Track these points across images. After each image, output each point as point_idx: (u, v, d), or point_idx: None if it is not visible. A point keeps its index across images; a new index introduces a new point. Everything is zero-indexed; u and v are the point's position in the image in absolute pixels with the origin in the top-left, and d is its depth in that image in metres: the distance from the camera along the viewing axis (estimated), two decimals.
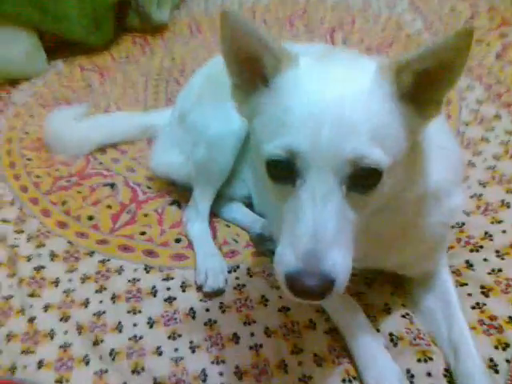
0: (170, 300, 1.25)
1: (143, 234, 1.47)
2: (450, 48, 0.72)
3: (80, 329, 1.20)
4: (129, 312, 1.23)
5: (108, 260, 1.39)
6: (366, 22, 2.35)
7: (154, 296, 1.27)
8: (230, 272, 1.31)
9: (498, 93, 1.73)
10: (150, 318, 1.21)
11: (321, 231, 0.71)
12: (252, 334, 1.14)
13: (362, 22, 2.35)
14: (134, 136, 1.87)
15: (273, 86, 0.79)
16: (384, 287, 1.21)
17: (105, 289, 1.30)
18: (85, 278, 1.34)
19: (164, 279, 1.31)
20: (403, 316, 1.13)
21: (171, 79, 2.29)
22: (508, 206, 1.34)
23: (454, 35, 0.71)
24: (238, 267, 1.32)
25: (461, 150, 1.14)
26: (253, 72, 0.82)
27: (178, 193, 1.59)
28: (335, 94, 0.74)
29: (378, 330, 1.10)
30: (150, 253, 1.40)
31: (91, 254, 1.41)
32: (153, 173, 1.63)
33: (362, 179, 0.74)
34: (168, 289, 1.28)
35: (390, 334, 1.09)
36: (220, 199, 1.48)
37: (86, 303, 1.27)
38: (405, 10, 2.34)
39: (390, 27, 2.22)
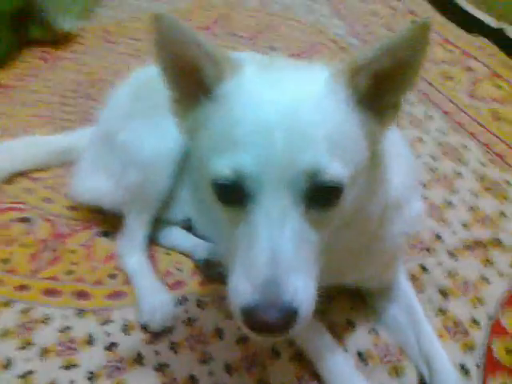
0: (111, 347, 1.10)
1: (70, 273, 1.28)
2: (408, 44, 0.68)
3: None
4: (63, 368, 1.06)
5: (31, 309, 1.19)
6: (289, 27, 2.33)
7: (92, 345, 1.11)
8: (178, 305, 1.18)
9: (425, 92, 1.77)
10: (90, 372, 1.05)
11: (279, 256, 0.64)
12: (211, 373, 1.04)
13: (284, 28, 2.33)
14: (47, 162, 1.64)
15: (216, 97, 0.72)
16: (344, 302, 1.17)
17: (30, 343, 1.11)
18: (5, 333, 1.14)
19: (102, 323, 1.15)
20: (369, 331, 1.10)
21: (86, 95, 2.09)
22: (453, 207, 1.35)
23: (411, 29, 0.68)
24: (186, 299, 1.20)
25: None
26: (193, 82, 0.74)
27: (107, 221, 1.42)
28: (286, 101, 0.68)
29: (345, 350, 1.05)
30: (81, 295, 1.22)
31: (10, 303, 1.21)
32: (74, 201, 1.45)
33: (321, 195, 0.68)
34: (108, 334, 1.13)
35: (359, 353, 1.05)
36: (156, 224, 1.34)
37: (8, 364, 1.07)
38: (325, 15, 2.36)
39: (314, 32, 2.21)
